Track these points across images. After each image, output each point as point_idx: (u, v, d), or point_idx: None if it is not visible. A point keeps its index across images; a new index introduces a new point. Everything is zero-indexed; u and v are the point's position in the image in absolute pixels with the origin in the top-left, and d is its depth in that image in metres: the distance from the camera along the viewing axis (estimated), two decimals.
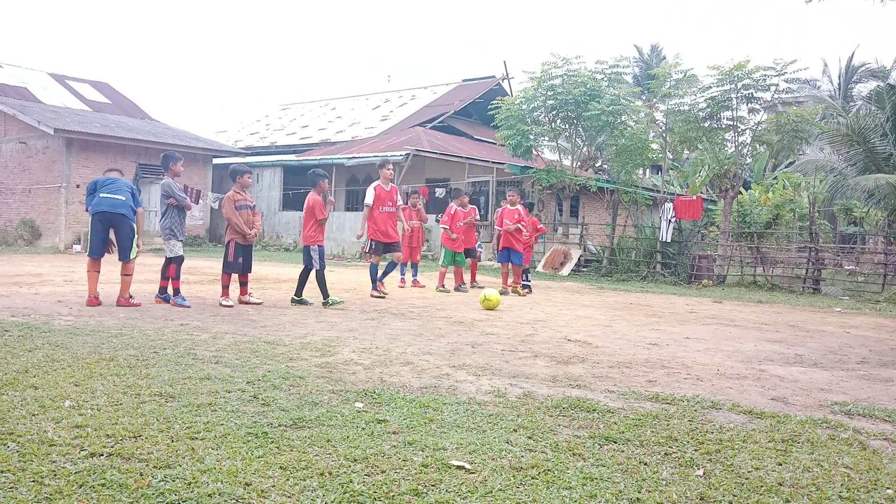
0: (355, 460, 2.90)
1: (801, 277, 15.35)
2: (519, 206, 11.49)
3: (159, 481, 2.57)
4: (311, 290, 8.48)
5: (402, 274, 11.97)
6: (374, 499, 2.52)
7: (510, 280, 11.61)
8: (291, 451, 2.99)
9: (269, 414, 3.51)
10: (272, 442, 3.08)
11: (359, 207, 25.32)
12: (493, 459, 3.00)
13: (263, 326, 6.53)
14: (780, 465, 3.11)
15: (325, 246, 8.55)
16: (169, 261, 7.98)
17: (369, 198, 9.97)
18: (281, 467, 2.78)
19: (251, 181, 8.74)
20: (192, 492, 2.49)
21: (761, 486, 2.82)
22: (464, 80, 33.22)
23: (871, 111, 22.59)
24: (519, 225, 11.17)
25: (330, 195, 8.87)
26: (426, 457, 2.98)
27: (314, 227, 8.42)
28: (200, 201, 22.20)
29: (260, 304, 8.27)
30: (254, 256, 8.84)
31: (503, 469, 2.89)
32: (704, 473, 2.96)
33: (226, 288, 8.20)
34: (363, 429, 3.34)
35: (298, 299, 8.44)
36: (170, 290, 8.01)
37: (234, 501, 2.45)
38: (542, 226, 12.20)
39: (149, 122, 25.80)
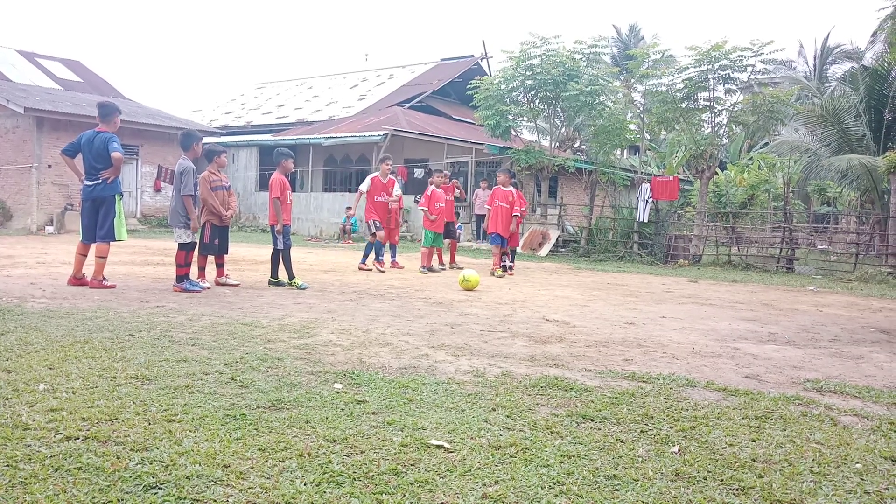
0: (334, 441, 2.90)
1: (775, 257, 15.58)
2: (511, 188, 11.46)
3: (136, 464, 2.55)
4: (297, 271, 8.41)
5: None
6: (354, 479, 2.53)
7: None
8: (270, 432, 2.98)
9: (248, 396, 3.50)
10: (251, 423, 3.07)
11: (336, 188, 25.22)
12: (472, 438, 3.02)
13: (241, 308, 6.49)
14: (754, 441, 3.16)
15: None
16: (180, 247, 7.63)
17: (364, 186, 11.08)
18: (260, 449, 2.78)
19: (227, 161, 8.61)
20: (169, 474, 2.48)
21: (735, 462, 2.87)
22: (442, 60, 33.00)
23: (846, 92, 22.90)
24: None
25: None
26: (405, 437, 2.99)
27: (279, 206, 8.33)
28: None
29: (237, 285, 8.21)
30: (230, 238, 8.76)
31: (482, 448, 2.91)
32: (679, 450, 3.00)
33: (202, 270, 8.12)
34: (342, 409, 3.34)
35: (275, 281, 8.39)
36: (195, 275, 7.87)
37: (212, 483, 2.44)
38: (523, 209, 12.14)
39: (122, 100, 25.30)
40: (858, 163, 18.00)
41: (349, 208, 21.26)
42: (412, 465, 2.69)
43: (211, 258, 8.26)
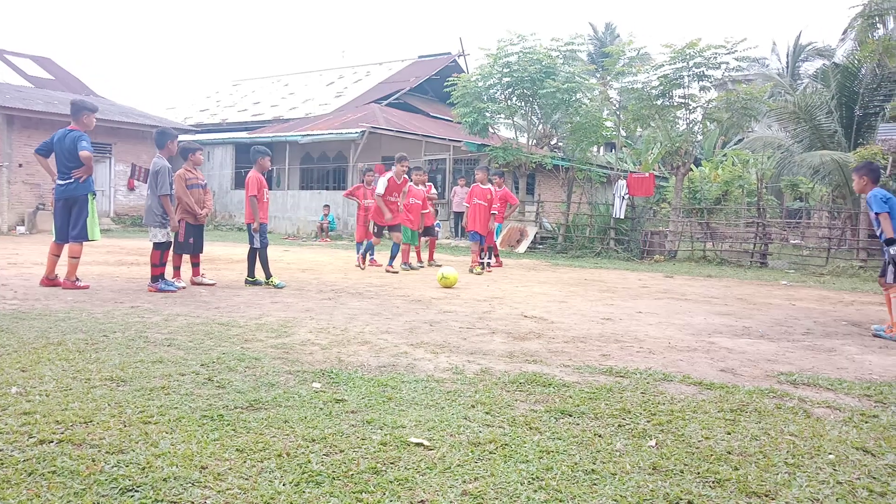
0: (313, 440, 2.89)
1: (749, 252, 15.79)
2: (490, 186, 11.53)
3: (112, 467, 2.52)
4: (274, 270, 8.35)
5: (359, 253, 11.91)
6: (333, 478, 2.52)
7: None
8: (248, 432, 2.96)
9: (225, 396, 3.47)
10: (228, 424, 3.05)
11: (313, 186, 25.06)
12: (451, 436, 3.03)
13: (217, 308, 6.43)
14: (729, 434, 3.21)
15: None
16: (155, 246, 7.50)
17: (381, 188, 10.77)
18: (237, 449, 2.76)
19: (203, 159, 8.52)
20: (146, 477, 2.45)
21: (711, 455, 2.91)
22: (420, 57, 32.93)
23: (818, 89, 23.24)
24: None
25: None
26: (385, 435, 2.99)
27: (256, 204, 8.26)
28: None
29: (213, 284, 8.13)
30: (206, 237, 8.67)
31: (461, 445, 2.92)
32: (657, 444, 3.03)
33: (177, 269, 8.03)
34: (321, 409, 3.33)
35: (252, 280, 8.32)
36: (170, 275, 7.75)
37: (189, 485, 2.41)
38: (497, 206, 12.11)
39: (94, 98, 24.91)
40: (830, 159, 18.28)
41: (326, 206, 21.16)
42: (392, 463, 2.69)
43: (186, 257, 8.18)
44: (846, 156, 17.80)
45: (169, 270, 7.85)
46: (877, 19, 18.87)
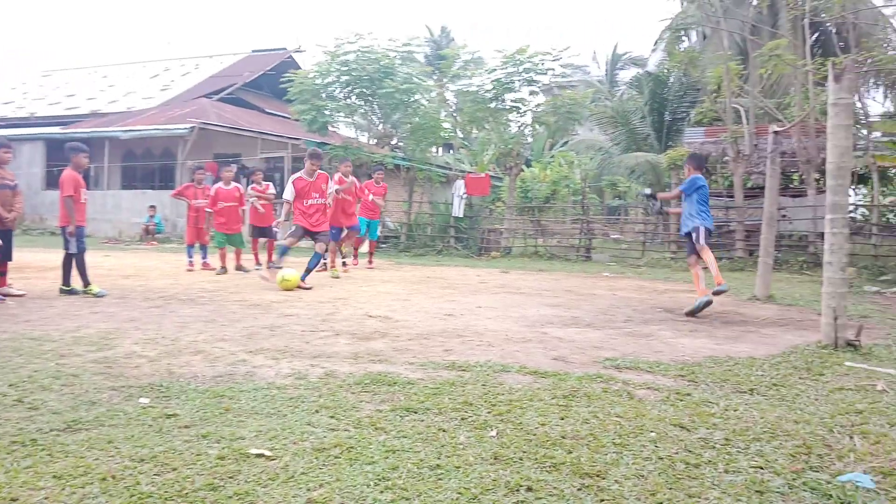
0: (142, 460, 2.69)
1: (575, 247, 16.88)
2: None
3: None
4: (93, 277, 7.66)
5: (190, 256, 11.28)
6: (166, 499, 2.36)
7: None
8: (66, 457, 2.69)
9: (38, 418, 3.13)
10: (43, 449, 2.75)
11: (137, 185, 23.39)
12: (294, 443, 2.94)
13: (27, 321, 5.80)
14: (563, 419, 3.39)
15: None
16: None
17: (289, 194, 9.24)
18: (54, 476, 2.50)
19: (10, 157, 7.62)
20: None
21: (547, 441, 3.06)
22: (254, 51, 31.79)
23: (633, 96, 25.33)
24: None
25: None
26: (222, 448, 2.84)
27: (72, 205, 7.57)
28: None
29: (22, 295, 7.33)
30: (14, 242, 7.79)
31: (305, 452, 2.85)
32: (497, 434, 3.14)
33: None
34: (150, 426, 3.10)
35: (67, 289, 7.60)
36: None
37: None
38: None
39: None
40: (644, 160, 20.02)
41: (153, 207, 19.85)
42: (230, 477, 2.57)
43: None
44: (658, 157, 19.57)
45: None
46: (682, 33, 20.90)
